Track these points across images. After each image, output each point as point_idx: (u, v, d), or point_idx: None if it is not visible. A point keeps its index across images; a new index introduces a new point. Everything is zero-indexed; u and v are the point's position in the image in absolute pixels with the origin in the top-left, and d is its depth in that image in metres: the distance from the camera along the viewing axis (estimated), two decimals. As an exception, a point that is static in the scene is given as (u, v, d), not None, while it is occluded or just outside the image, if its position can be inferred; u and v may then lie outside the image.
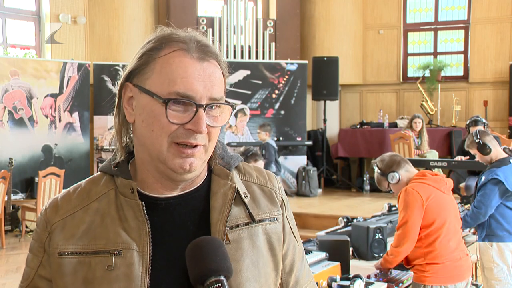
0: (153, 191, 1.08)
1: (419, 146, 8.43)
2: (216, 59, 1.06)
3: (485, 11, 9.65)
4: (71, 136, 8.36)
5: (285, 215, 1.17)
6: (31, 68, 7.99)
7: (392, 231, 3.92)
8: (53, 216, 1.09)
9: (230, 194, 1.09)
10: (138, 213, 1.04)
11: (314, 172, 8.71)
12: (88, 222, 1.06)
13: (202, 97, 1.01)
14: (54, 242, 1.06)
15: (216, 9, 9.95)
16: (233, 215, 1.08)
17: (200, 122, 1.00)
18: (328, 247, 3.07)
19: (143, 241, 1.03)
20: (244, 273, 1.04)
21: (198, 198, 1.09)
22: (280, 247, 1.13)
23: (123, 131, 1.10)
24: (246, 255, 1.06)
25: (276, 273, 1.12)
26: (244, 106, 8.92)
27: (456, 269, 2.96)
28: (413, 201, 2.92)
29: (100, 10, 9.08)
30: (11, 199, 7.23)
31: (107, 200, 1.08)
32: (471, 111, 9.60)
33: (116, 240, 1.03)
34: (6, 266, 6.09)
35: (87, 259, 1.04)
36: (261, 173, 1.19)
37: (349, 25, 10.08)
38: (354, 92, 10.52)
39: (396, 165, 3.09)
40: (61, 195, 1.12)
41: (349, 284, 2.64)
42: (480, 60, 9.71)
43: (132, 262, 1.02)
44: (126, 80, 1.07)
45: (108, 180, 1.10)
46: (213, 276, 0.96)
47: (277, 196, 1.16)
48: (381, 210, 4.71)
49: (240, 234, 1.08)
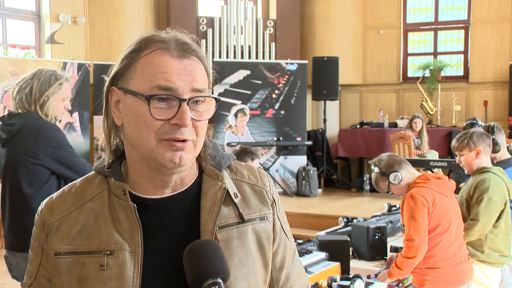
0: (145, 192, 1.10)
1: (419, 146, 8.44)
2: (196, 55, 1.08)
3: (485, 11, 9.65)
4: (71, 136, 8.36)
5: (276, 213, 1.18)
6: (31, 68, 7.93)
7: (392, 231, 3.92)
8: (49, 217, 1.11)
9: (219, 194, 1.11)
10: (130, 214, 1.06)
11: (314, 172, 8.71)
12: (82, 222, 1.08)
13: (184, 91, 1.03)
14: (50, 243, 1.09)
15: (216, 9, 9.95)
16: (222, 215, 1.10)
17: (184, 115, 1.02)
18: (328, 247, 3.07)
19: (135, 242, 1.05)
20: (233, 272, 1.06)
21: (188, 199, 1.11)
22: (270, 245, 1.15)
23: (112, 134, 1.12)
24: (235, 254, 1.08)
25: (265, 271, 1.14)
26: (244, 106, 8.92)
27: (456, 273, 2.92)
28: (420, 207, 2.83)
29: (100, 10, 9.08)
30: (11, 199, 7.23)
31: (100, 201, 1.10)
32: (471, 111, 9.60)
33: (109, 241, 1.05)
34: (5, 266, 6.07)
35: (81, 259, 1.06)
36: (252, 172, 1.20)
37: (349, 25, 10.08)
38: (354, 92, 10.52)
39: (397, 165, 3.01)
40: (56, 195, 1.15)
41: (349, 284, 2.64)
42: (480, 60, 9.71)
43: (124, 262, 1.04)
44: (111, 84, 1.09)
45: (101, 180, 1.12)
46: (210, 278, 0.97)
47: (267, 195, 1.18)
48: (381, 210, 4.72)
49: (229, 233, 1.09)
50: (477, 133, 3.41)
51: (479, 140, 3.38)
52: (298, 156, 9.03)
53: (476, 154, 3.36)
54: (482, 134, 3.43)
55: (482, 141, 3.39)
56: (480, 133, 3.42)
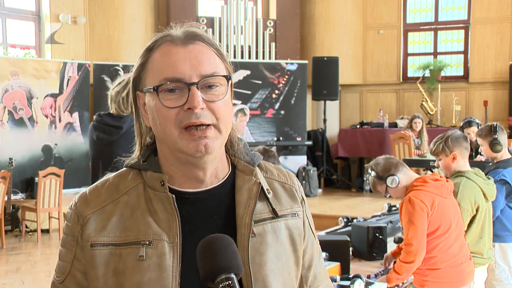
0: (180, 186, 1.11)
1: (419, 146, 8.44)
2: (202, 40, 1.08)
3: (485, 11, 9.66)
4: (71, 136, 8.36)
5: (304, 211, 1.20)
6: (31, 68, 7.99)
7: (392, 231, 3.92)
8: (84, 209, 1.11)
9: (255, 189, 1.12)
10: (168, 205, 1.07)
11: (314, 172, 8.71)
12: (118, 214, 1.09)
13: (190, 76, 1.04)
14: (86, 235, 1.09)
15: (216, 9, 9.95)
16: (257, 210, 1.11)
17: (193, 98, 1.03)
18: (328, 247, 3.07)
19: (173, 232, 1.06)
20: (269, 265, 1.07)
21: (223, 193, 1.12)
22: (301, 242, 1.16)
23: (144, 137, 1.16)
24: (270, 248, 1.09)
25: (297, 267, 1.15)
26: (244, 106, 8.93)
27: (457, 274, 2.89)
28: (419, 212, 2.79)
29: (100, 10, 9.08)
30: (11, 199, 7.23)
31: (136, 194, 1.10)
32: (471, 111, 9.60)
33: (147, 231, 1.06)
34: (6, 266, 6.09)
35: (118, 251, 1.06)
36: (281, 172, 1.23)
37: (349, 25, 10.09)
38: (354, 92, 10.52)
39: (394, 168, 2.96)
40: (90, 189, 1.15)
41: (349, 284, 2.64)
42: (480, 60, 9.71)
43: (164, 253, 1.04)
44: (135, 89, 1.12)
45: (135, 174, 1.13)
46: (223, 274, 0.96)
47: (297, 193, 1.20)
48: (381, 210, 4.71)
49: (264, 228, 1.11)
50: (453, 137, 3.32)
51: (455, 145, 3.30)
52: (298, 156, 9.04)
53: (452, 159, 3.31)
54: (458, 137, 3.34)
55: (458, 145, 3.31)
56: (456, 137, 3.33)
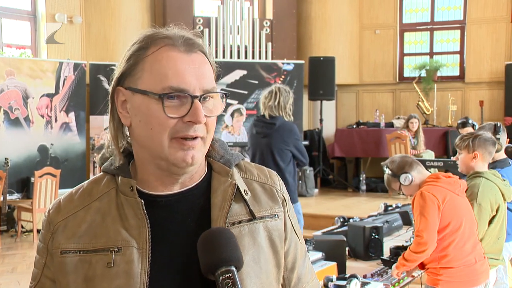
0: (153, 189, 1.09)
1: (415, 146, 8.45)
2: (202, 50, 1.08)
3: (481, 11, 9.68)
4: (67, 136, 8.34)
5: (286, 212, 1.17)
6: (26, 68, 7.96)
7: (388, 231, 3.93)
8: (56, 216, 1.11)
9: (230, 191, 1.10)
10: (138, 211, 1.06)
11: (311, 172, 8.72)
12: (89, 221, 1.08)
13: (195, 88, 1.03)
14: (56, 242, 1.09)
15: (213, 9, 9.95)
16: (233, 212, 1.09)
17: (198, 112, 1.02)
18: (324, 247, 3.08)
19: (142, 238, 1.04)
20: (245, 268, 1.04)
21: (197, 195, 1.10)
22: (281, 244, 1.14)
23: (119, 135, 1.11)
24: (246, 251, 1.07)
25: (278, 270, 1.13)
26: (240, 106, 8.92)
27: (471, 273, 2.88)
28: (430, 205, 2.82)
29: (96, 10, 9.06)
30: (6, 199, 7.21)
31: (108, 199, 1.09)
32: (467, 111, 9.62)
33: (116, 238, 1.05)
34: (2, 266, 6.07)
35: (88, 257, 1.05)
36: (262, 171, 1.20)
37: (345, 25, 10.09)
38: (351, 92, 10.53)
39: (408, 166, 3.01)
40: (64, 196, 1.15)
41: (345, 284, 2.65)
42: (476, 60, 9.74)
43: (132, 259, 1.03)
44: (117, 84, 1.08)
45: (109, 179, 1.12)
46: (224, 266, 0.96)
47: (278, 194, 1.17)
48: (378, 210, 4.73)
49: (240, 230, 1.08)
50: (482, 138, 3.32)
51: (480, 145, 3.30)
52: (294, 156, 9.03)
53: (472, 158, 3.34)
54: (487, 140, 3.34)
55: (483, 146, 3.31)
56: (484, 139, 3.33)
